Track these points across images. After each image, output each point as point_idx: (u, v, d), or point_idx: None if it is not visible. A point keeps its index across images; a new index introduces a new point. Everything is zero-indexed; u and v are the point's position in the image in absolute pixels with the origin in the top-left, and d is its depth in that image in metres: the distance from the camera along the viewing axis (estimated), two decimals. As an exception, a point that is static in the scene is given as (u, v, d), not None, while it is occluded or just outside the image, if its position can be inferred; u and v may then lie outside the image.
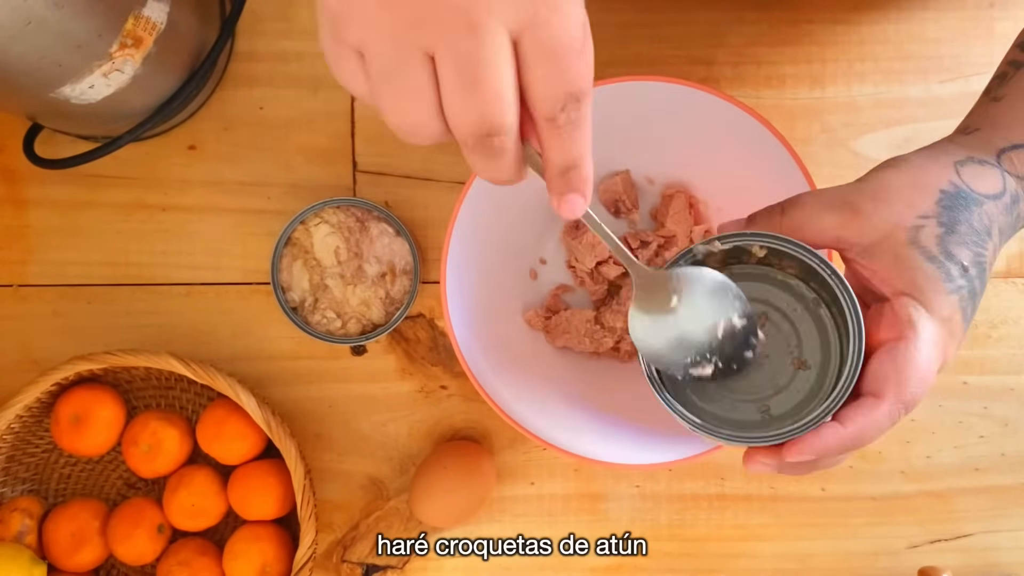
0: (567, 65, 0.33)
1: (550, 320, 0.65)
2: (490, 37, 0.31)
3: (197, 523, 0.64)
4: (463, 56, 0.32)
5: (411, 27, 0.32)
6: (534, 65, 0.33)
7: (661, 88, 0.57)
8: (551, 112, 0.33)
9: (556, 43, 0.32)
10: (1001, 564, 0.67)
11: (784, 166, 0.57)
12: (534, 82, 0.33)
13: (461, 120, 0.33)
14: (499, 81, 0.32)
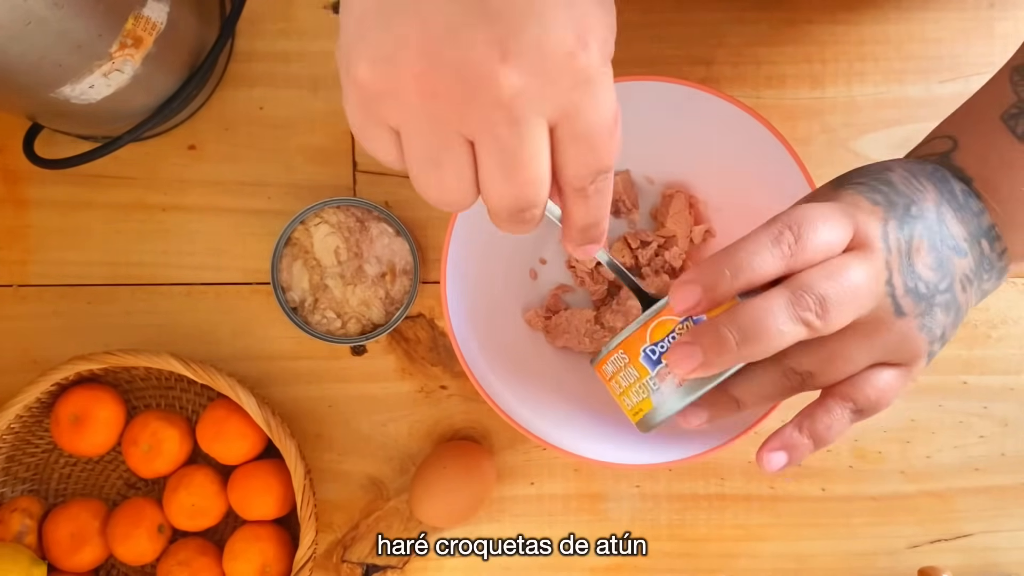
0: (599, 148, 0.35)
1: (550, 320, 0.65)
2: (530, 129, 0.33)
3: (197, 523, 0.64)
4: (504, 146, 0.33)
5: (453, 116, 0.33)
6: (569, 149, 0.35)
7: (661, 88, 0.57)
8: (581, 185, 0.36)
9: (590, 130, 0.34)
10: (1001, 564, 0.68)
11: (784, 166, 0.57)
12: (568, 163, 0.35)
13: (498, 200, 0.35)
14: (537, 169, 0.34)
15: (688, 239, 0.65)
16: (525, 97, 0.32)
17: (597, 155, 0.35)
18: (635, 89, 0.57)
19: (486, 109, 0.32)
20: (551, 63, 0.32)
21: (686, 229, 0.64)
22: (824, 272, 0.40)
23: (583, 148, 0.35)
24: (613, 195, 0.64)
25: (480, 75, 0.32)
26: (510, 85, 0.32)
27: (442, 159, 0.34)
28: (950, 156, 0.46)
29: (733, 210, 0.64)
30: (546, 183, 0.35)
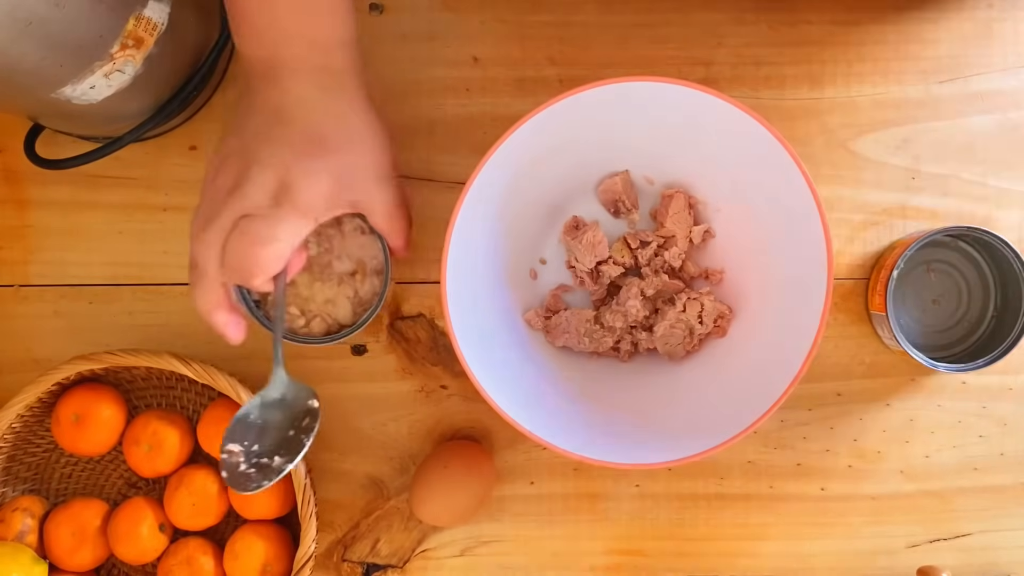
0: (237, 255, 0.54)
1: (550, 320, 0.65)
2: (225, 215, 0.54)
3: (198, 523, 0.64)
4: (209, 215, 0.55)
5: (223, 201, 0.54)
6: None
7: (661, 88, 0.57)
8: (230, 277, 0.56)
9: (239, 242, 0.54)
10: (1000, 564, 0.68)
11: (783, 166, 0.57)
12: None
13: (195, 253, 0.56)
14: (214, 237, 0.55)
15: (688, 239, 0.65)
16: (232, 200, 0.54)
17: (236, 267, 0.54)
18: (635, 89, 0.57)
19: (223, 198, 0.55)
20: (251, 196, 0.54)
21: (686, 229, 0.64)
22: None
23: (239, 243, 0.54)
24: (613, 195, 0.65)
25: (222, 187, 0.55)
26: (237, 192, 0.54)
27: (209, 221, 0.54)
28: None
29: (733, 210, 0.64)
30: (207, 264, 0.54)
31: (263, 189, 0.52)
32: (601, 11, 0.68)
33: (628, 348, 0.65)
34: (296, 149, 0.53)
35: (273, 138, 0.53)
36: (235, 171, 0.53)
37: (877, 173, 0.68)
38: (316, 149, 0.53)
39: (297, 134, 0.53)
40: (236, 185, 0.53)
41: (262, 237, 0.52)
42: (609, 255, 0.65)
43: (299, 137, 0.53)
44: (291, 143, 0.53)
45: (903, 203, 0.68)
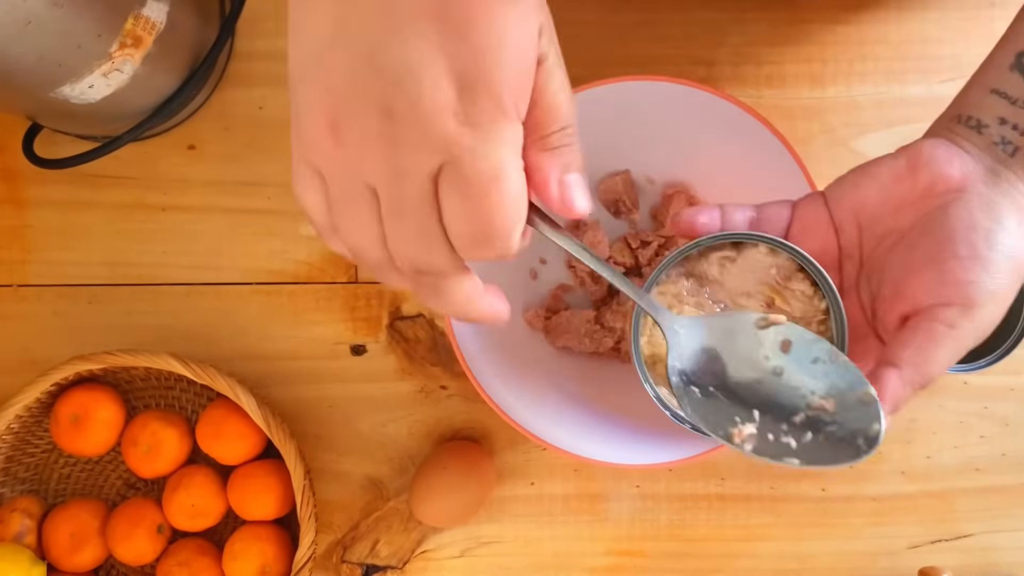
0: (478, 202, 0.33)
1: (550, 320, 0.65)
2: (413, 180, 0.33)
3: (197, 523, 0.64)
4: (394, 198, 0.34)
5: (356, 164, 0.34)
6: (449, 202, 0.34)
7: (661, 88, 0.57)
8: (465, 246, 0.35)
9: (471, 181, 0.33)
10: (1001, 564, 0.67)
11: (784, 166, 0.57)
12: (450, 218, 0.34)
13: (398, 254, 0.35)
14: (423, 227, 0.34)
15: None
16: (403, 150, 0.33)
17: (476, 212, 0.34)
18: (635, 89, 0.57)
19: (378, 162, 0.33)
20: (427, 114, 0.32)
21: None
22: None
23: (463, 202, 0.33)
24: (613, 195, 0.64)
25: (368, 129, 0.33)
26: (394, 138, 0.33)
27: (350, 204, 0.35)
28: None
29: (733, 210, 0.64)
30: (436, 245, 0.35)
31: (435, 102, 0.32)
32: (602, 10, 0.68)
33: (628, 348, 0.65)
34: (437, 17, 0.32)
35: (393, 14, 0.32)
36: (356, 104, 0.33)
37: (878, 173, 0.68)
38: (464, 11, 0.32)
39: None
40: (387, 115, 0.32)
41: (485, 174, 0.33)
42: (609, 255, 0.65)
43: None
44: (424, 13, 0.32)
45: (904, 203, 0.68)
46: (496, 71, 0.33)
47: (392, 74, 0.32)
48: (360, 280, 0.68)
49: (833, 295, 0.43)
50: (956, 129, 0.44)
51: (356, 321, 0.68)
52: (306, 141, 0.34)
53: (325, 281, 0.68)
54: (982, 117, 0.43)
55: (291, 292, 0.68)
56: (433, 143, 0.33)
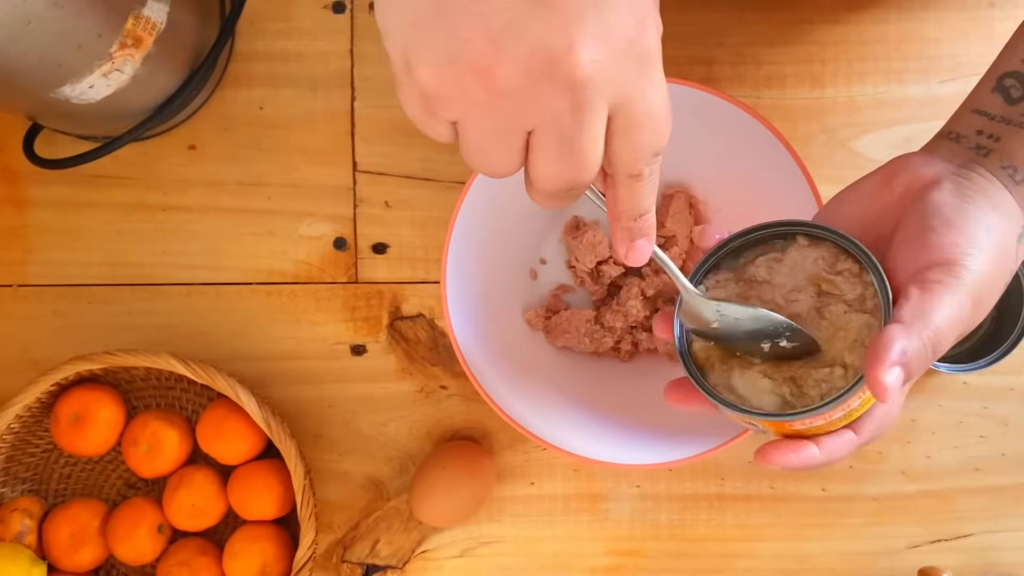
0: (660, 129, 0.35)
1: (550, 320, 0.65)
2: (592, 115, 0.33)
3: (197, 523, 0.64)
4: (565, 135, 0.33)
5: (515, 111, 0.33)
6: (629, 133, 0.34)
7: (661, 88, 0.57)
8: (637, 171, 0.36)
9: (652, 112, 0.34)
10: (1001, 564, 0.67)
11: (784, 166, 0.57)
12: (625, 148, 0.35)
13: (547, 181, 0.35)
14: (593, 153, 0.34)
15: (688, 239, 0.65)
16: (591, 83, 0.32)
17: (656, 137, 0.35)
18: (635, 89, 0.57)
19: (551, 98, 0.32)
20: (615, 47, 0.32)
21: (686, 229, 0.64)
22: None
23: (643, 132, 0.35)
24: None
25: (547, 65, 0.31)
26: (579, 72, 0.32)
27: (498, 147, 0.34)
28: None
29: (733, 210, 0.64)
30: (597, 167, 0.35)
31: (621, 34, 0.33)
32: (601, 10, 0.68)
33: (628, 348, 0.65)
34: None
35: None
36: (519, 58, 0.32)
37: (878, 173, 0.68)
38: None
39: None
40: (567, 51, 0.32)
41: (662, 108, 0.35)
42: (609, 255, 0.65)
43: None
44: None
45: (904, 203, 0.68)
46: (656, 11, 0.34)
47: (569, 7, 0.31)
48: (360, 280, 0.68)
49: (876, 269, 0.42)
50: (936, 143, 0.46)
51: (356, 321, 0.68)
52: (442, 95, 0.33)
53: (325, 281, 0.68)
54: (960, 131, 0.45)
55: (291, 292, 0.68)
56: (618, 78, 0.33)
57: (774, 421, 0.42)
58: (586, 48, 0.32)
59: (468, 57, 0.32)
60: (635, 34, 0.33)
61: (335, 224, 0.68)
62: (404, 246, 0.68)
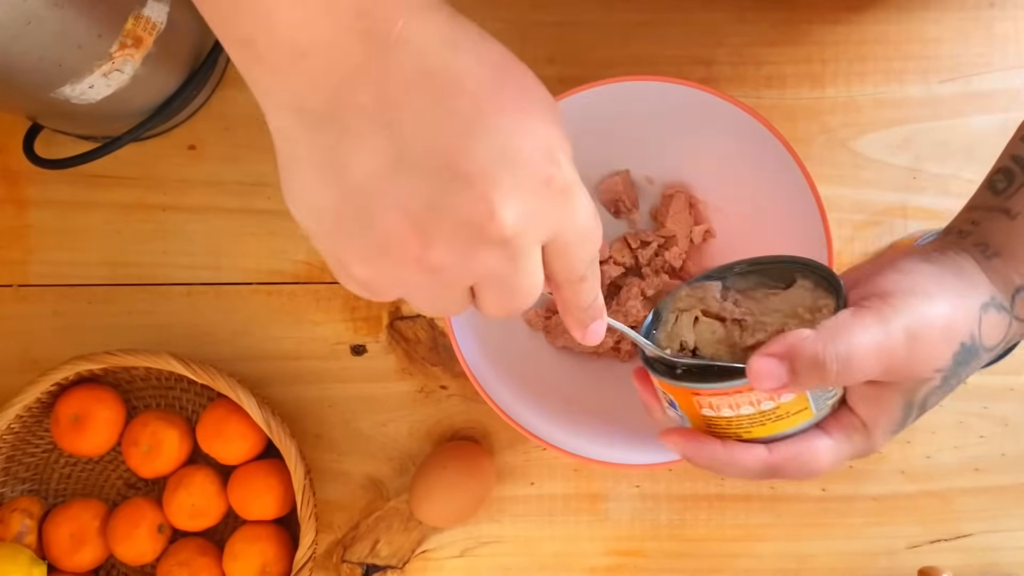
0: (588, 246, 0.37)
1: (550, 320, 0.65)
2: (524, 260, 0.34)
3: (197, 523, 0.64)
4: (503, 280, 0.35)
5: (454, 276, 0.34)
6: (560, 257, 0.36)
7: (661, 88, 0.57)
8: (576, 277, 0.37)
9: (580, 236, 0.36)
10: (1001, 564, 0.67)
11: (784, 166, 0.57)
12: (563, 265, 0.37)
13: (495, 313, 0.37)
14: (532, 287, 0.36)
15: (688, 239, 0.65)
16: (521, 234, 0.33)
17: (589, 248, 0.37)
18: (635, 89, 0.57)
19: (487, 260, 0.34)
20: (534, 194, 0.33)
21: (686, 229, 0.64)
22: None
23: (574, 252, 0.36)
24: (613, 195, 0.64)
25: (475, 235, 0.33)
26: (506, 230, 0.33)
27: (442, 304, 0.36)
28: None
29: (733, 210, 0.64)
30: (538, 293, 0.37)
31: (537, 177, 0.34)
32: (601, 10, 0.68)
33: (628, 348, 0.65)
34: (498, 106, 0.33)
35: (457, 118, 0.32)
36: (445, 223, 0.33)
37: (878, 173, 0.68)
38: (522, 96, 0.34)
39: (488, 85, 0.33)
40: (488, 214, 0.32)
41: (589, 229, 0.36)
42: (609, 255, 0.65)
43: (491, 87, 0.33)
44: (499, 105, 0.33)
45: (904, 203, 0.68)
46: (559, 127, 0.35)
47: (482, 174, 0.32)
48: (360, 280, 0.68)
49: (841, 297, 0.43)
50: (937, 239, 0.47)
51: (356, 321, 0.68)
52: (383, 287, 0.35)
53: (325, 281, 0.68)
54: (954, 224, 0.46)
55: (291, 292, 0.68)
56: (544, 215, 0.34)
57: (683, 388, 0.43)
58: (507, 208, 0.32)
59: (397, 248, 0.33)
60: (549, 172, 0.34)
61: (335, 224, 0.68)
62: (404, 246, 0.68)
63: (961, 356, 0.42)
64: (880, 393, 0.42)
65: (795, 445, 0.42)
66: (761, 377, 0.39)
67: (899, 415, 0.42)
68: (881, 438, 0.43)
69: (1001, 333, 0.43)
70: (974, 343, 0.42)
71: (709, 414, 0.43)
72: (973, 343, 0.42)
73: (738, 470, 0.43)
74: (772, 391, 0.40)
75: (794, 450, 0.42)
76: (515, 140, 0.33)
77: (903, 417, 0.43)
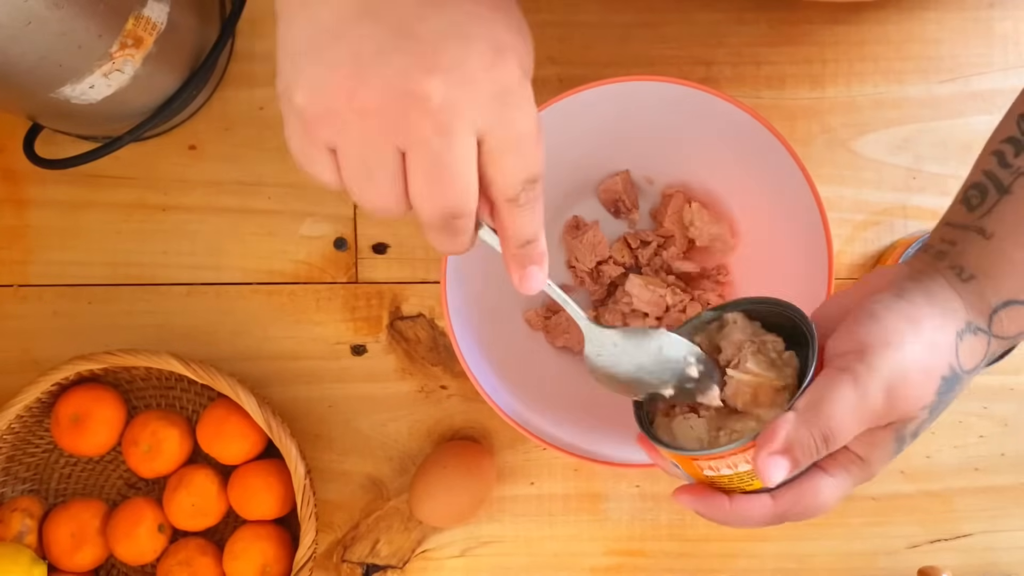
0: (526, 155, 0.37)
1: (550, 320, 0.65)
2: (457, 138, 0.35)
3: (197, 523, 0.64)
4: (432, 154, 0.35)
5: (385, 130, 0.35)
6: (497, 159, 0.36)
7: (661, 88, 0.57)
8: (512, 194, 0.37)
9: (516, 138, 0.36)
10: (1001, 564, 0.68)
11: (784, 166, 0.57)
12: (497, 172, 0.37)
13: (427, 208, 0.37)
14: (466, 177, 0.36)
15: (686, 239, 0.65)
16: (451, 107, 0.34)
17: (525, 162, 0.37)
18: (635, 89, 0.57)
19: (415, 121, 0.34)
20: (473, 78, 0.34)
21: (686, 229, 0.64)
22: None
23: (510, 156, 0.36)
24: (613, 195, 0.64)
25: (408, 90, 0.34)
26: (437, 96, 0.34)
27: (375, 171, 0.36)
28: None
29: (733, 211, 0.64)
30: (474, 192, 0.37)
31: (479, 63, 0.35)
32: (602, 10, 0.68)
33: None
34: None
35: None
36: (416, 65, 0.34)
37: (878, 173, 0.68)
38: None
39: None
40: (425, 78, 0.34)
41: (528, 133, 0.37)
42: (609, 255, 0.65)
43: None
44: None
45: (904, 203, 0.68)
46: (523, 43, 0.37)
47: (432, 39, 0.34)
48: (360, 280, 0.68)
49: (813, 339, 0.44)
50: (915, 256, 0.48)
51: (356, 321, 0.68)
52: (316, 116, 0.35)
53: (325, 281, 0.68)
54: (931, 242, 0.47)
55: (291, 292, 0.68)
56: (477, 105, 0.35)
57: (682, 455, 0.44)
58: (443, 76, 0.34)
59: (336, 81, 0.34)
60: (495, 63, 0.35)
61: (335, 224, 0.68)
62: (404, 246, 0.68)
63: (943, 388, 0.43)
64: (872, 433, 0.43)
65: (797, 489, 0.43)
66: (772, 475, 0.41)
67: (892, 447, 0.44)
68: (878, 467, 0.45)
69: (980, 355, 0.44)
70: (954, 372, 0.43)
71: (711, 474, 0.44)
72: (953, 373, 0.43)
73: (748, 521, 0.44)
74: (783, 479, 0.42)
75: (797, 494, 0.43)
76: (474, 25, 0.35)
77: (896, 448, 0.44)
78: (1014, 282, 0.44)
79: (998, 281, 0.44)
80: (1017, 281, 0.44)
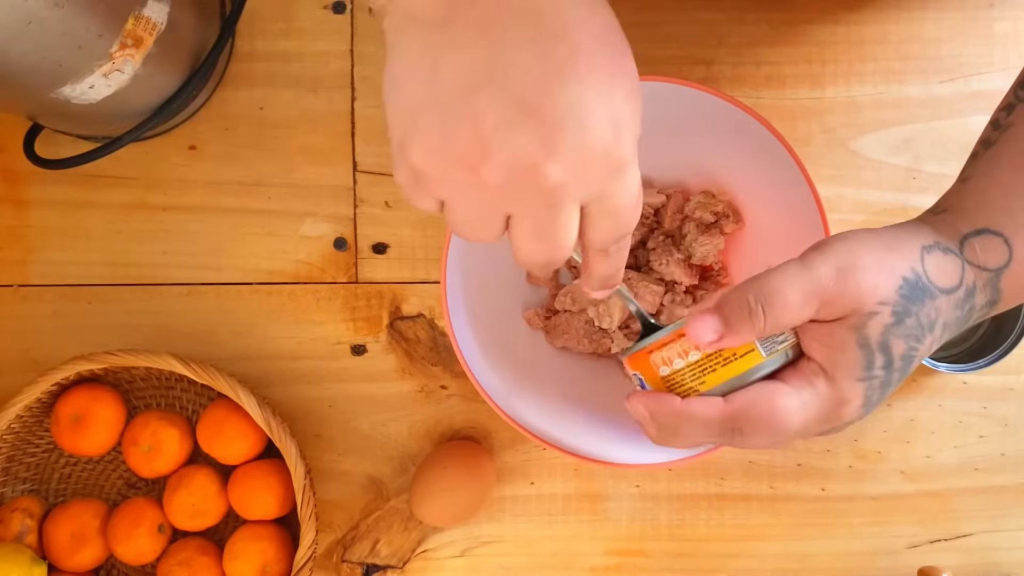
0: (625, 221, 0.39)
1: (550, 320, 0.65)
2: (565, 211, 0.37)
3: (197, 523, 0.64)
4: (540, 223, 0.37)
5: (496, 198, 0.36)
6: (597, 223, 0.38)
7: (661, 88, 0.57)
8: (605, 248, 0.40)
9: (618, 209, 0.38)
10: (1001, 564, 0.68)
11: (784, 166, 0.57)
12: (595, 233, 0.39)
13: (525, 255, 0.39)
14: (565, 240, 0.38)
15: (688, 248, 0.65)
16: (564, 187, 0.36)
17: (622, 227, 0.39)
18: (635, 89, 0.57)
19: (529, 197, 0.36)
20: (590, 158, 0.35)
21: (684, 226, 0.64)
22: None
23: (611, 222, 0.38)
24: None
25: (526, 170, 0.35)
26: (554, 179, 0.35)
27: (479, 225, 0.38)
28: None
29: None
30: (570, 248, 0.38)
31: (598, 141, 0.36)
32: (601, 10, 0.68)
33: (628, 348, 0.65)
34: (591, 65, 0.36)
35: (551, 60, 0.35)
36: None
37: (878, 173, 0.68)
38: (615, 64, 0.37)
39: (589, 41, 0.36)
40: (545, 154, 0.35)
41: (631, 202, 0.39)
42: (609, 255, 0.65)
43: (592, 44, 0.36)
44: (581, 59, 0.35)
45: (904, 203, 0.68)
46: (637, 111, 0.37)
47: (553, 119, 0.34)
48: (360, 280, 0.68)
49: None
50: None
51: (356, 321, 0.68)
52: (431, 177, 0.36)
53: (325, 281, 0.68)
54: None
55: (291, 292, 0.68)
56: (588, 183, 0.36)
57: (637, 351, 0.45)
58: (562, 159, 0.35)
59: (457, 151, 0.35)
60: (612, 142, 0.36)
61: (335, 224, 0.68)
62: (404, 246, 0.68)
63: (907, 291, 0.42)
64: (830, 331, 0.42)
65: (752, 391, 0.42)
66: (699, 332, 0.42)
67: (857, 354, 0.41)
68: (846, 384, 0.42)
69: (955, 276, 0.43)
70: (919, 279, 0.42)
71: (666, 372, 0.44)
72: (918, 278, 0.42)
73: (700, 424, 0.43)
74: (712, 344, 0.42)
75: (751, 396, 0.42)
76: (593, 101, 0.35)
77: (863, 358, 0.41)
78: (988, 214, 0.44)
79: (970, 213, 0.45)
80: (991, 213, 0.44)
